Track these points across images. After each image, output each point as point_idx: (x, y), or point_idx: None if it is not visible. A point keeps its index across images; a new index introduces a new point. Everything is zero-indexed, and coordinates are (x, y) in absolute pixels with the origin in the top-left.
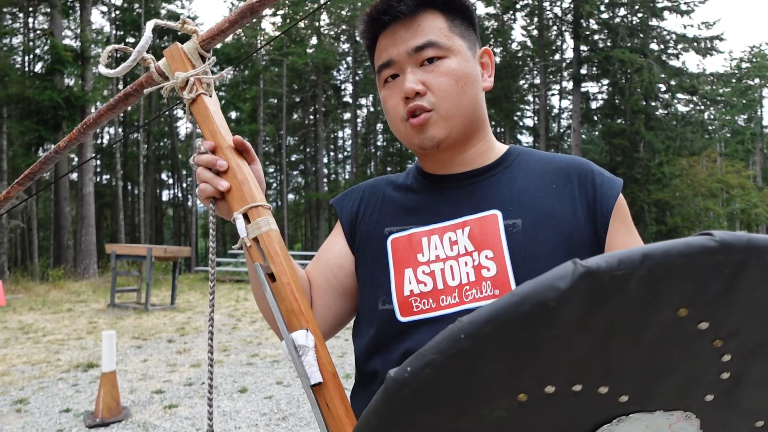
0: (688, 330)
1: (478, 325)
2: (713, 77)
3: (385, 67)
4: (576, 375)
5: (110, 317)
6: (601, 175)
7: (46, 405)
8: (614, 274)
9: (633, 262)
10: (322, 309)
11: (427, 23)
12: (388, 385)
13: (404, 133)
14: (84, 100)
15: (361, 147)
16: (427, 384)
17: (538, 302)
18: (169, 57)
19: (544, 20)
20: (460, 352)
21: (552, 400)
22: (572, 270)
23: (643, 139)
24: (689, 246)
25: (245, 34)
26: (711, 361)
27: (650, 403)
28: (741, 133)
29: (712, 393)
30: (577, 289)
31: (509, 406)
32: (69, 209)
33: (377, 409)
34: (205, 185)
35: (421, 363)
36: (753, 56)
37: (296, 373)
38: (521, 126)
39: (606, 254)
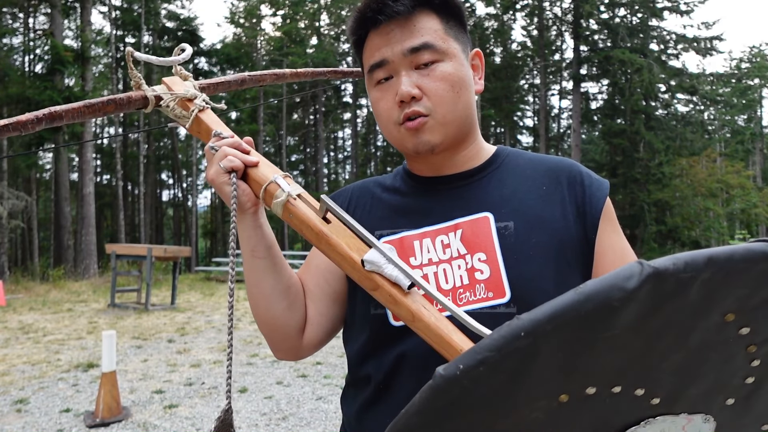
0: (730, 335)
1: (540, 323)
2: (713, 77)
3: (378, 68)
4: (618, 376)
5: (110, 317)
6: (589, 177)
7: (46, 405)
8: (680, 276)
9: (698, 265)
10: (315, 317)
11: (422, 24)
12: (437, 382)
13: (397, 136)
14: (84, 100)
15: (361, 147)
16: (478, 383)
17: (603, 301)
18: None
19: (544, 20)
20: (518, 350)
21: (590, 402)
22: (639, 270)
23: (643, 139)
24: (752, 252)
25: (245, 34)
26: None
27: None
28: (741, 133)
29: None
30: (643, 289)
31: (549, 407)
32: (69, 209)
33: (421, 408)
34: (231, 157)
35: (475, 361)
36: (753, 56)
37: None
38: (521, 126)
39: (672, 256)
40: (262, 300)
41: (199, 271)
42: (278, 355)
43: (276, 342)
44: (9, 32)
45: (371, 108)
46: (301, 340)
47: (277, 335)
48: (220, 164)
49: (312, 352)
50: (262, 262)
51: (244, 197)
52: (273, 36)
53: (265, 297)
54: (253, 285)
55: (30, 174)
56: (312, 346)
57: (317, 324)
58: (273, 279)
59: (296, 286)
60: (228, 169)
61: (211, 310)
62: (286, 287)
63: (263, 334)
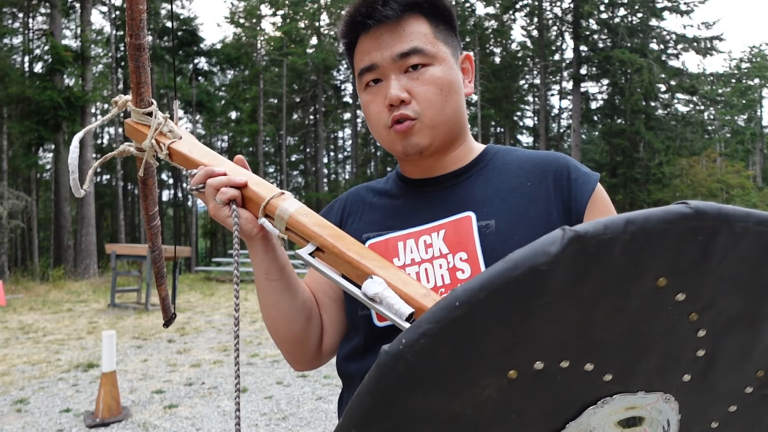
0: (667, 301)
1: (472, 292)
2: (713, 77)
3: (368, 71)
4: (563, 349)
5: (110, 317)
6: (576, 170)
7: (46, 405)
8: (600, 238)
9: (617, 227)
10: (329, 324)
11: (412, 28)
12: (382, 359)
13: (387, 139)
14: (84, 100)
15: (361, 147)
16: (422, 357)
17: (530, 267)
18: (131, 136)
19: (544, 20)
20: (455, 320)
21: (540, 378)
22: (561, 235)
23: (643, 139)
24: (668, 212)
25: (245, 34)
26: (687, 337)
27: (632, 383)
28: (741, 133)
29: (689, 372)
30: (566, 253)
31: (499, 385)
32: (69, 209)
33: (371, 387)
34: (224, 189)
35: (416, 334)
36: (753, 56)
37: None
38: (521, 126)
39: (593, 221)
40: (282, 320)
41: (199, 271)
42: (298, 367)
43: (298, 356)
44: (9, 32)
45: (362, 110)
46: (320, 349)
47: (299, 350)
48: (216, 199)
49: (330, 358)
50: (277, 284)
51: (248, 225)
52: (273, 36)
53: (284, 316)
54: (271, 306)
55: (30, 174)
56: (330, 353)
57: (332, 331)
58: (290, 298)
59: (310, 299)
60: (224, 201)
61: (211, 310)
62: (302, 303)
63: (283, 350)
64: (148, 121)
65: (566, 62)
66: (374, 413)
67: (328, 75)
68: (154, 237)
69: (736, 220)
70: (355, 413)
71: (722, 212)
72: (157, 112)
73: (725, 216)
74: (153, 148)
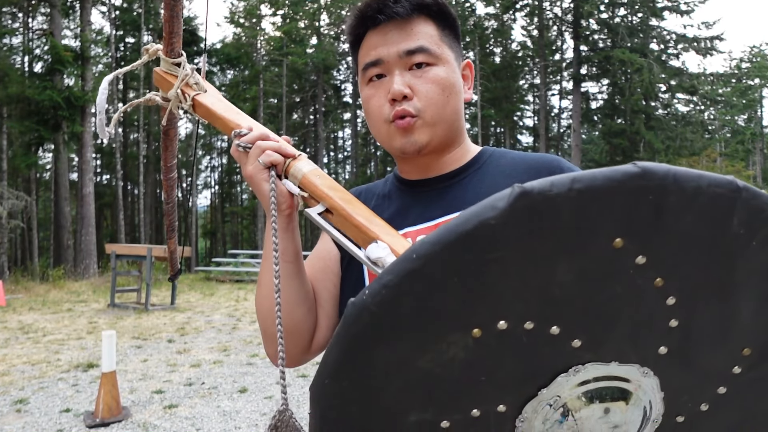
0: (627, 264)
1: (427, 245)
2: (713, 77)
3: (372, 66)
4: (525, 309)
5: (110, 317)
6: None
7: (46, 405)
8: (547, 194)
9: (563, 184)
10: (323, 319)
11: (420, 28)
12: (348, 310)
13: (386, 134)
14: (84, 100)
15: (361, 147)
16: (384, 307)
17: (480, 221)
18: (158, 84)
19: (544, 20)
20: (412, 272)
21: (506, 339)
22: (510, 191)
23: (643, 139)
24: (614, 171)
25: (245, 34)
26: (656, 304)
27: (604, 351)
28: (741, 133)
29: (664, 345)
30: (514, 208)
31: (465, 343)
32: (69, 209)
33: (338, 338)
34: (270, 152)
35: (378, 285)
36: (753, 56)
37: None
38: (521, 126)
39: (543, 178)
40: (284, 306)
41: (199, 271)
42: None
43: (287, 348)
44: (9, 32)
45: (362, 106)
46: (311, 344)
47: (291, 342)
48: (259, 160)
49: (316, 356)
50: (289, 266)
51: (281, 197)
52: (273, 36)
53: (287, 302)
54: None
55: (30, 174)
56: (318, 349)
57: (325, 327)
58: (296, 284)
59: (312, 290)
60: (267, 164)
61: (211, 310)
62: (306, 293)
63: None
64: (177, 72)
65: (566, 62)
66: (344, 364)
67: (328, 75)
68: (170, 189)
69: (687, 180)
70: (326, 365)
71: (671, 172)
72: (185, 63)
73: (674, 175)
74: (178, 98)
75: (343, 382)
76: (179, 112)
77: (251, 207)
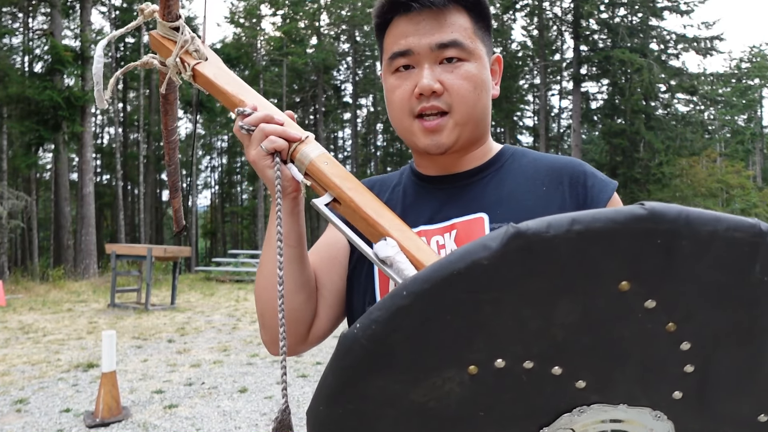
0: (635, 307)
1: (418, 283)
2: (713, 77)
3: (401, 56)
4: (524, 349)
5: (110, 317)
6: (593, 177)
7: (46, 405)
8: (543, 236)
9: (561, 225)
10: (324, 309)
11: (454, 20)
12: (340, 342)
13: (408, 129)
14: (84, 100)
15: (361, 147)
16: (375, 342)
17: (472, 260)
18: (155, 49)
19: (544, 20)
20: (402, 309)
21: (505, 377)
22: (504, 231)
23: (643, 139)
24: (618, 212)
25: (245, 34)
26: (669, 349)
27: (611, 393)
28: (741, 133)
29: (680, 390)
30: (508, 249)
31: (461, 379)
32: (69, 209)
33: (333, 368)
34: (273, 137)
35: (368, 320)
36: (753, 56)
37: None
38: (521, 126)
39: (539, 218)
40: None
41: (199, 271)
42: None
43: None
44: (9, 32)
45: (384, 95)
46: (308, 333)
47: (288, 329)
48: (261, 146)
49: (313, 346)
50: (291, 251)
51: (286, 182)
52: (273, 36)
53: (287, 289)
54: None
55: (30, 174)
56: (316, 340)
57: (325, 317)
58: (298, 270)
59: (314, 278)
60: (270, 151)
61: (211, 310)
62: (307, 279)
63: (270, 327)
64: (175, 37)
65: (566, 62)
66: (338, 393)
67: (328, 75)
68: (172, 152)
69: (702, 223)
70: (321, 392)
71: (683, 214)
72: (184, 27)
73: (686, 219)
74: (177, 66)
75: (337, 410)
76: (178, 80)
77: (251, 207)
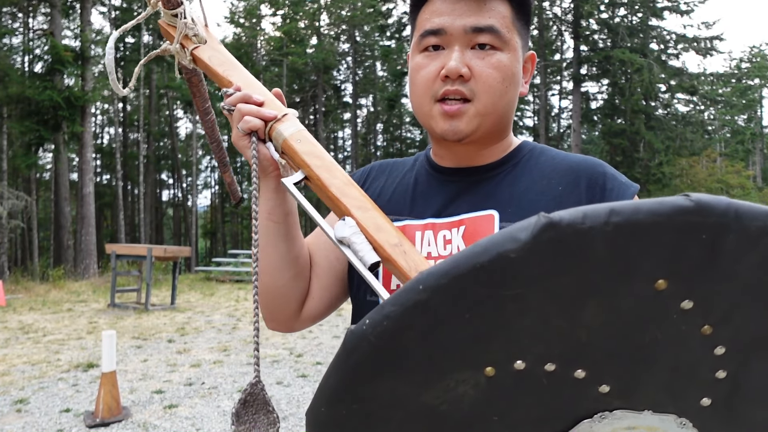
0: (670, 308)
1: (436, 276)
2: (713, 77)
3: (432, 35)
4: (547, 350)
5: (110, 317)
6: (613, 180)
7: (46, 405)
8: (578, 227)
9: (599, 216)
10: (317, 290)
11: (494, 5)
12: (347, 338)
13: (428, 113)
14: (84, 100)
15: (361, 147)
16: (386, 339)
17: (498, 253)
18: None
19: (544, 20)
20: (418, 304)
21: (523, 379)
22: (535, 221)
23: (643, 139)
24: (662, 204)
25: (245, 34)
26: (702, 352)
27: (636, 399)
28: (741, 133)
29: (709, 396)
30: (538, 241)
31: (476, 381)
32: (69, 209)
33: (337, 367)
34: (248, 117)
35: (380, 315)
36: (753, 56)
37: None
38: (521, 126)
39: (572, 208)
40: (269, 267)
41: (199, 271)
42: (271, 326)
43: (273, 311)
44: (9, 32)
45: (409, 75)
46: (300, 312)
47: (276, 304)
48: (238, 126)
49: (307, 326)
50: (276, 227)
51: (266, 161)
52: (273, 36)
53: (273, 264)
54: (262, 249)
55: (30, 174)
56: (309, 320)
57: (318, 298)
58: (285, 246)
59: (305, 256)
60: (246, 131)
61: (211, 310)
62: (295, 257)
63: (261, 302)
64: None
65: (566, 62)
66: (342, 393)
67: (328, 75)
68: (210, 130)
69: (752, 218)
70: (323, 392)
71: (732, 207)
72: (183, 13)
73: (736, 212)
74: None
75: (340, 411)
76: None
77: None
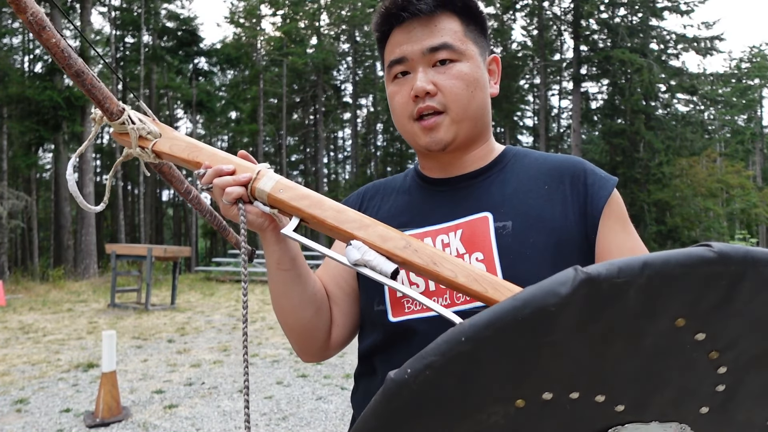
0: (685, 340)
1: (478, 329)
2: (713, 77)
3: (397, 63)
4: (573, 382)
5: (110, 317)
6: (593, 175)
7: (46, 405)
8: (614, 281)
9: (633, 270)
10: (339, 317)
11: (443, 24)
12: (388, 386)
13: (410, 131)
14: (84, 100)
15: (361, 147)
16: (427, 387)
17: (539, 307)
18: (121, 143)
19: (544, 20)
20: (460, 355)
21: (549, 408)
22: (573, 276)
23: (643, 139)
24: (689, 256)
25: (245, 34)
26: (707, 373)
27: (646, 414)
28: (741, 133)
29: (707, 405)
30: (577, 295)
31: (506, 412)
32: (69, 209)
33: (376, 411)
34: (229, 189)
35: (421, 365)
36: (753, 56)
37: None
38: (521, 126)
39: (607, 262)
40: (291, 310)
41: (199, 271)
42: (306, 358)
43: (305, 347)
44: (9, 32)
45: (388, 102)
46: (329, 340)
47: (306, 340)
48: (223, 200)
49: (338, 351)
50: (287, 274)
51: (259, 220)
52: (273, 36)
53: (294, 307)
54: (281, 296)
55: (30, 174)
56: (338, 345)
57: (342, 324)
58: (300, 288)
59: (321, 291)
60: (231, 201)
61: (211, 310)
62: (312, 294)
63: (291, 340)
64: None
65: (566, 62)
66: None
67: (328, 75)
68: (198, 205)
69: (764, 264)
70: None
71: (749, 256)
72: (130, 119)
73: (752, 260)
74: (141, 154)
75: None
76: (153, 160)
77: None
